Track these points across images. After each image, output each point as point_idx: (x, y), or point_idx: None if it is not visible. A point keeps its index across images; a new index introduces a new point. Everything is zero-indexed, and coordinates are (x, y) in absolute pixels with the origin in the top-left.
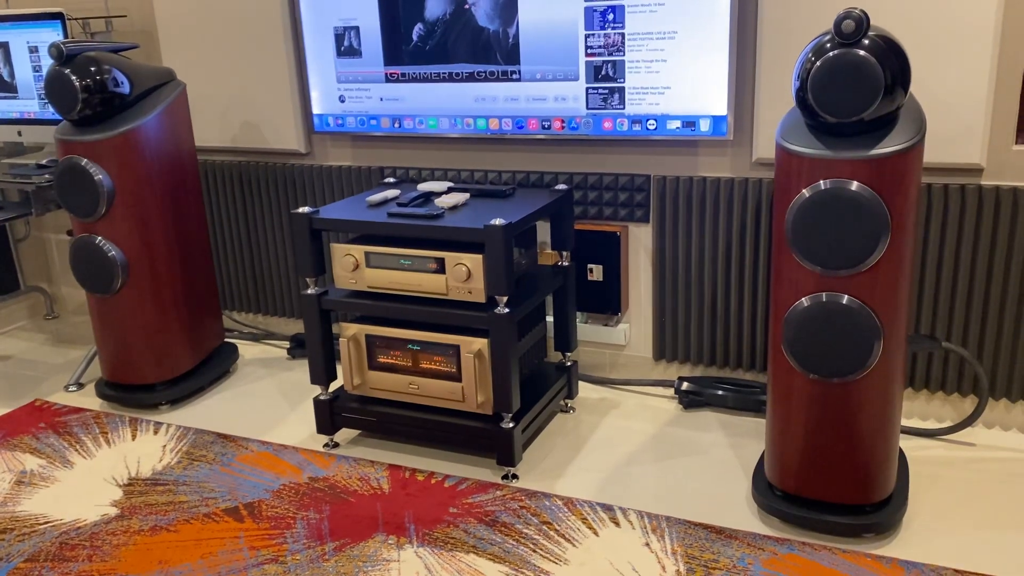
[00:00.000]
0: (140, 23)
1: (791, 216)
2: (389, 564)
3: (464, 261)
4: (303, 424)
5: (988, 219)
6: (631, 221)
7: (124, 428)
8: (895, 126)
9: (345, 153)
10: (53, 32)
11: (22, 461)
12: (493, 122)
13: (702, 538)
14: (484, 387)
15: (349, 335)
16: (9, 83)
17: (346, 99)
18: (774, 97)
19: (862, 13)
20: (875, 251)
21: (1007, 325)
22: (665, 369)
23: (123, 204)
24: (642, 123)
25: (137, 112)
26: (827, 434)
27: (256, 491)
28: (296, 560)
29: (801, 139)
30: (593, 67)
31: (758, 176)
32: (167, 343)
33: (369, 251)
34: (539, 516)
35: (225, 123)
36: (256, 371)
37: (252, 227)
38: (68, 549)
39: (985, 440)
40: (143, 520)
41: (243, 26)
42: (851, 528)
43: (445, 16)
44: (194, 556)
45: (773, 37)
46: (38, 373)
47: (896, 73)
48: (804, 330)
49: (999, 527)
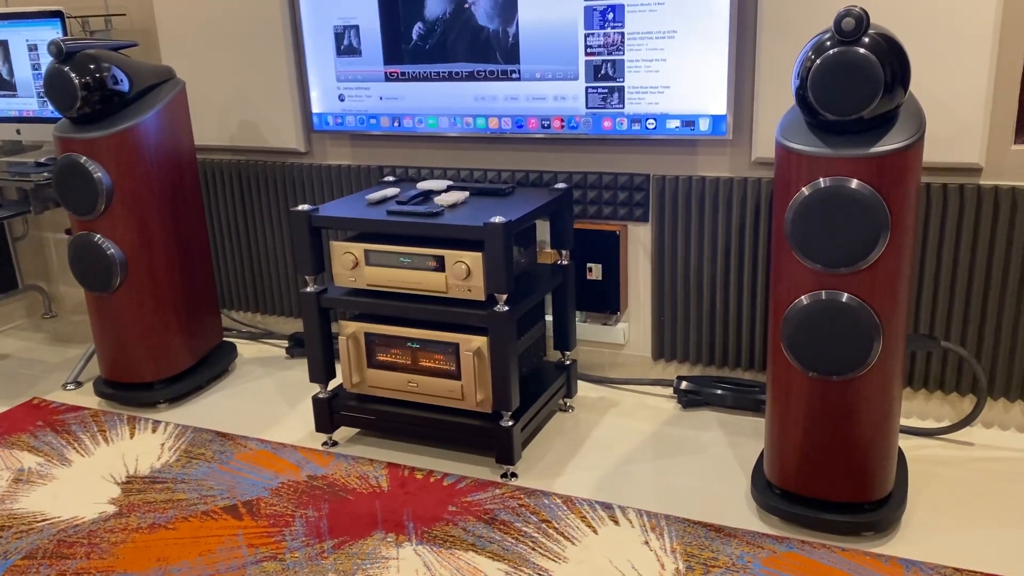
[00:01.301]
0: (139, 21)
1: (791, 214)
2: (388, 562)
3: (464, 259)
4: (302, 423)
5: (987, 219)
6: (630, 220)
7: (122, 426)
8: (895, 124)
9: (344, 152)
10: (52, 30)
11: (20, 459)
12: (493, 121)
13: (701, 536)
14: (483, 385)
15: (348, 333)
16: (8, 81)
17: (346, 98)
18: (773, 97)
19: (862, 11)
20: (875, 249)
21: (1006, 325)
22: (664, 368)
23: (122, 202)
24: (641, 122)
25: (136, 110)
26: (826, 432)
27: (255, 489)
28: (295, 558)
29: (801, 137)
30: (593, 66)
31: (757, 175)
32: (165, 341)
33: (368, 249)
34: (538, 514)
35: (224, 122)
36: (255, 370)
37: (251, 226)
38: (66, 547)
39: (984, 439)
40: (141, 518)
41: (243, 25)
42: (850, 526)
43: (445, 15)
44: (192, 554)
45: (772, 37)
46: (36, 372)
47: (896, 71)
48: (804, 328)
49: (998, 526)
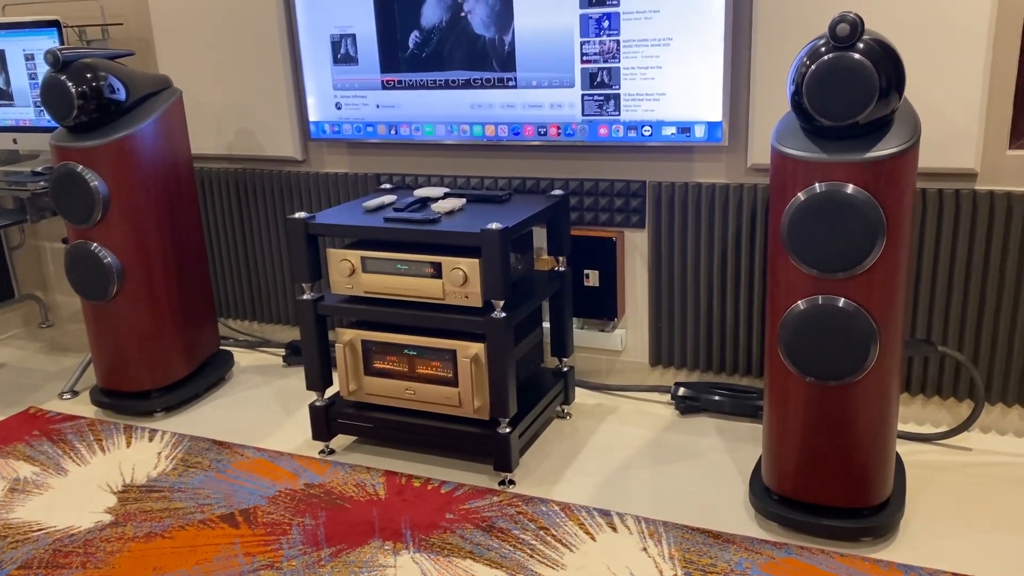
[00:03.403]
0: (136, 31)
1: (787, 219)
2: (386, 570)
3: (461, 265)
4: (299, 431)
5: (982, 224)
6: (627, 227)
7: (119, 435)
8: (890, 129)
9: (341, 160)
10: (49, 40)
11: (15, 468)
12: (489, 129)
13: (699, 542)
14: (481, 392)
15: (345, 340)
16: (5, 91)
17: (342, 106)
18: (769, 103)
19: (857, 17)
20: (871, 253)
21: (1002, 330)
22: (661, 375)
23: (118, 211)
24: (637, 129)
25: (133, 119)
26: (824, 437)
27: (252, 497)
28: (292, 566)
29: (796, 142)
30: (589, 74)
31: (753, 182)
32: (162, 350)
33: (365, 256)
34: (536, 521)
35: (221, 130)
36: (251, 378)
37: (248, 234)
38: (62, 556)
39: (981, 445)
40: (138, 527)
41: (239, 33)
42: (848, 532)
43: (441, 23)
44: (189, 562)
45: (768, 44)
46: (32, 381)
47: (891, 76)
48: (800, 333)
49: (996, 531)
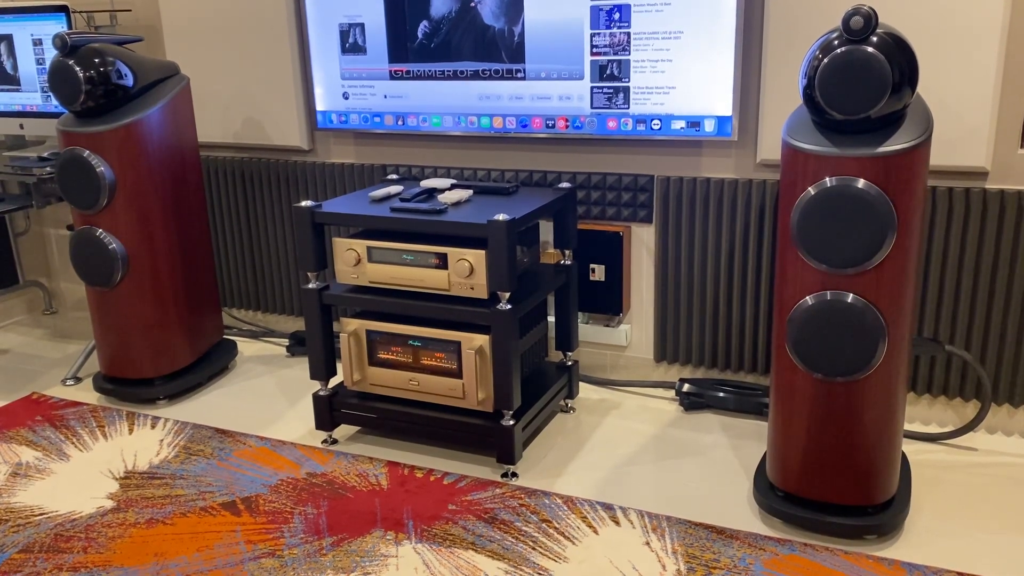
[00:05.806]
0: (144, 17)
1: (797, 214)
2: (387, 559)
3: (467, 256)
4: (302, 420)
5: (992, 223)
6: (634, 221)
7: (121, 422)
8: (902, 124)
9: (348, 150)
10: (57, 25)
11: (18, 453)
12: (497, 120)
13: (703, 538)
14: (485, 384)
15: (350, 330)
16: (12, 75)
17: (350, 96)
18: (779, 99)
19: (871, 10)
20: (881, 249)
21: (1010, 330)
22: (666, 371)
23: (124, 197)
24: (646, 123)
25: (140, 105)
26: (830, 434)
27: (254, 486)
28: (293, 554)
29: (808, 136)
30: (598, 66)
31: (762, 177)
32: (166, 338)
33: (371, 246)
34: (539, 514)
35: (228, 118)
36: (255, 368)
37: (253, 224)
38: (63, 540)
39: (987, 445)
40: (139, 513)
41: (248, 21)
42: (853, 529)
43: (451, 14)
44: (190, 549)
45: (779, 39)
46: (36, 367)
47: (904, 71)
48: (808, 329)
49: (1001, 531)
